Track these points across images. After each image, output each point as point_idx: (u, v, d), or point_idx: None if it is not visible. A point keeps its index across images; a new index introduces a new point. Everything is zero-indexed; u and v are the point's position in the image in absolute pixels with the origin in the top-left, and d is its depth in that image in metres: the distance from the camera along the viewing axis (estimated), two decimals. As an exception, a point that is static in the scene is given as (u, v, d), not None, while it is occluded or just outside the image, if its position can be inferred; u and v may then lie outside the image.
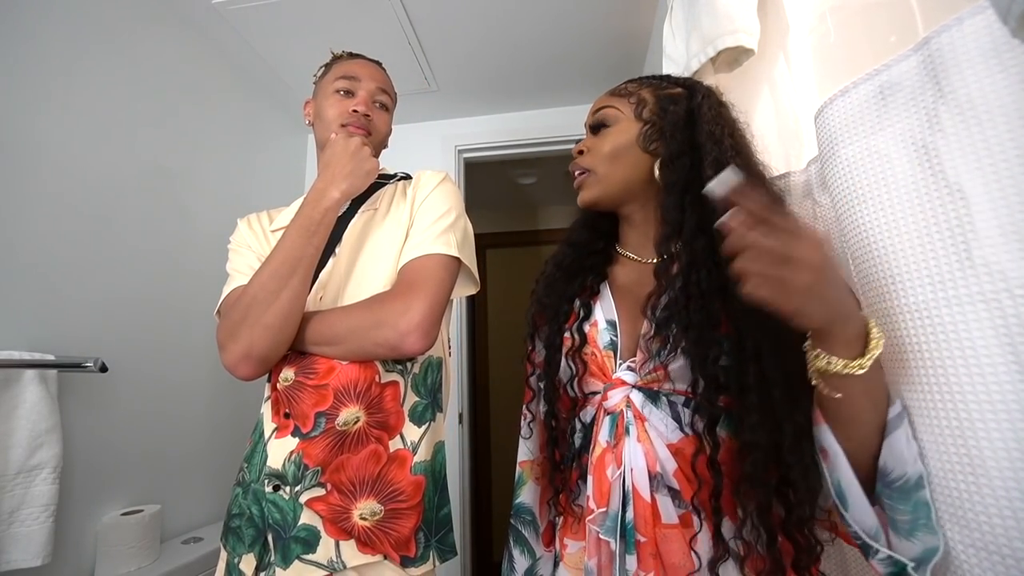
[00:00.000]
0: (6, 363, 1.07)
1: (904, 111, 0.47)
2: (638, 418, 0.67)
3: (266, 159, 2.18)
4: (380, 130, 1.03)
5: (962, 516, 0.40)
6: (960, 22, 0.45)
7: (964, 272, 0.41)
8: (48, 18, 1.28)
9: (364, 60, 1.07)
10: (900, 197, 0.46)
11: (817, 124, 0.57)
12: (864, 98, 0.51)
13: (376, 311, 0.86)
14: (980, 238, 0.41)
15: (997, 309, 0.39)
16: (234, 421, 1.78)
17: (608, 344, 0.73)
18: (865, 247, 0.50)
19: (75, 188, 1.32)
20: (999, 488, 0.38)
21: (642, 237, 0.80)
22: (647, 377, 0.68)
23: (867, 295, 0.51)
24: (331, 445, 0.83)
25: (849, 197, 0.51)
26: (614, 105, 0.78)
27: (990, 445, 0.38)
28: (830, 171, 0.54)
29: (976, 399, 0.40)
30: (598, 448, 0.69)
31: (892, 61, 0.49)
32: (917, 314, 0.44)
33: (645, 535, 0.62)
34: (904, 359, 0.45)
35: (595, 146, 0.78)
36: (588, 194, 0.79)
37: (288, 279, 0.84)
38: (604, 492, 0.66)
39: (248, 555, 0.83)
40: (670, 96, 0.77)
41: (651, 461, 0.65)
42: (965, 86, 0.43)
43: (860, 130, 0.51)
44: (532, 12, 1.78)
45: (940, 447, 0.42)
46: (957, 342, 0.41)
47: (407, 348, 0.84)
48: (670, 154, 0.73)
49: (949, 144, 0.44)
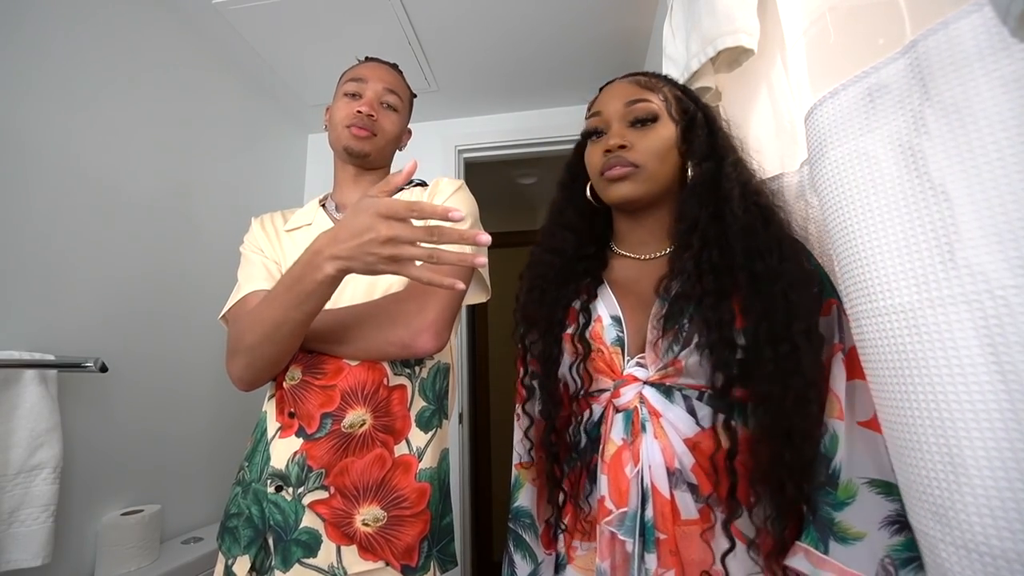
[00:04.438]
0: (6, 363, 1.07)
1: (891, 113, 0.48)
2: (653, 414, 0.67)
3: (266, 159, 2.19)
4: (387, 130, 1.01)
5: (943, 515, 0.40)
6: (946, 26, 0.45)
7: (947, 273, 0.42)
8: (48, 18, 1.29)
9: (375, 63, 1.06)
10: (886, 199, 0.47)
11: (807, 125, 0.58)
12: (853, 100, 0.51)
13: (389, 309, 0.85)
14: (963, 239, 0.41)
15: (979, 310, 0.40)
16: (234, 421, 1.79)
17: (615, 340, 0.72)
18: (851, 248, 0.50)
19: (75, 188, 1.33)
20: (979, 487, 0.38)
21: (646, 235, 0.80)
22: (660, 372, 0.68)
23: (852, 296, 0.51)
24: (336, 447, 0.83)
25: (836, 198, 0.52)
26: (650, 99, 0.76)
27: (970, 444, 0.39)
28: (819, 172, 0.55)
29: (957, 399, 0.40)
30: (611, 446, 0.68)
31: (881, 64, 0.50)
32: (902, 315, 0.45)
33: (665, 532, 0.62)
34: (890, 359, 0.46)
35: (641, 142, 0.74)
36: (633, 189, 0.74)
37: (276, 333, 0.79)
38: (623, 491, 0.65)
39: (243, 557, 0.82)
40: (686, 98, 0.79)
41: (669, 457, 0.65)
42: (950, 89, 0.44)
43: (848, 132, 0.51)
44: (532, 12, 1.79)
45: (923, 445, 0.42)
46: (940, 342, 0.42)
47: (419, 347, 0.83)
48: (703, 155, 0.73)
49: (934, 146, 0.44)
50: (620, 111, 0.76)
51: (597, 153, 0.77)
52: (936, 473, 0.41)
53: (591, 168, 0.79)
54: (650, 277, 0.75)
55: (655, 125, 0.74)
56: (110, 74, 1.45)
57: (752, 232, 0.66)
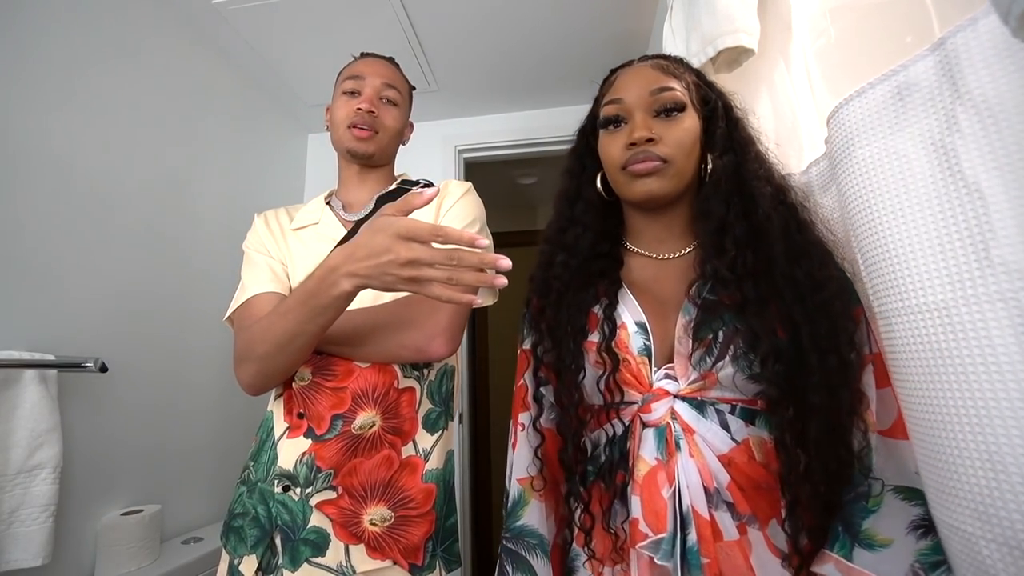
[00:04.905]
0: (6, 363, 1.06)
1: (922, 112, 0.48)
2: (687, 431, 0.62)
3: (266, 159, 2.17)
4: (388, 126, 1.01)
5: (983, 512, 0.40)
6: (975, 22, 0.45)
7: (983, 271, 0.42)
8: (49, 19, 1.27)
9: (372, 58, 1.05)
10: (919, 197, 0.47)
11: (831, 124, 0.57)
12: (881, 98, 0.51)
13: (402, 313, 0.85)
14: (998, 237, 0.41)
15: (1016, 307, 0.40)
16: (235, 421, 1.78)
17: (642, 349, 0.67)
18: (880, 246, 0.50)
19: (75, 188, 1.31)
20: (1018, 484, 0.38)
21: (663, 231, 0.75)
22: (693, 386, 0.64)
23: (881, 294, 0.51)
24: (344, 448, 0.83)
25: (864, 197, 0.52)
26: (675, 87, 0.70)
27: (1008, 441, 0.39)
28: (844, 171, 0.55)
29: (995, 396, 0.40)
30: (643, 465, 0.63)
31: (909, 62, 0.50)
32: (936, 313, 0.44)
33: (708, 556, 0.57)
34: (924, 357, 0.46)
35: (669, 134, 0.68)
36: (661, 186, 0.69)
37: (289, 346, 0.78)
38: (661, 514, 0.60)
39: (249, 556, 0.82)
40: (705, 85, 0.75)
41: (707, 477, 0.60)
42: (980, 86, 0.44)
43: (878, 130, 0.51)
44: (532, 12, 1.78)
45: (960, 444, 0.42)
46: (976, 340, 0.42)
47: (433, 351, 0.83)
48: (724, 147, 0.70)
49: (967, 144, 0.44)
50: (645, 99, 0.70)
51: (617, 145, 0.71)
52: (975, 471, 0.41)
53: (610, 161, 0.73)
54: (670, 278, 0.72)
55: (681, 116, 0.69)
56: (109, 74, 1.43)
57: (789, 235, 0.63)
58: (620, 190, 0.74)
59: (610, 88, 0.75)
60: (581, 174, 0.82)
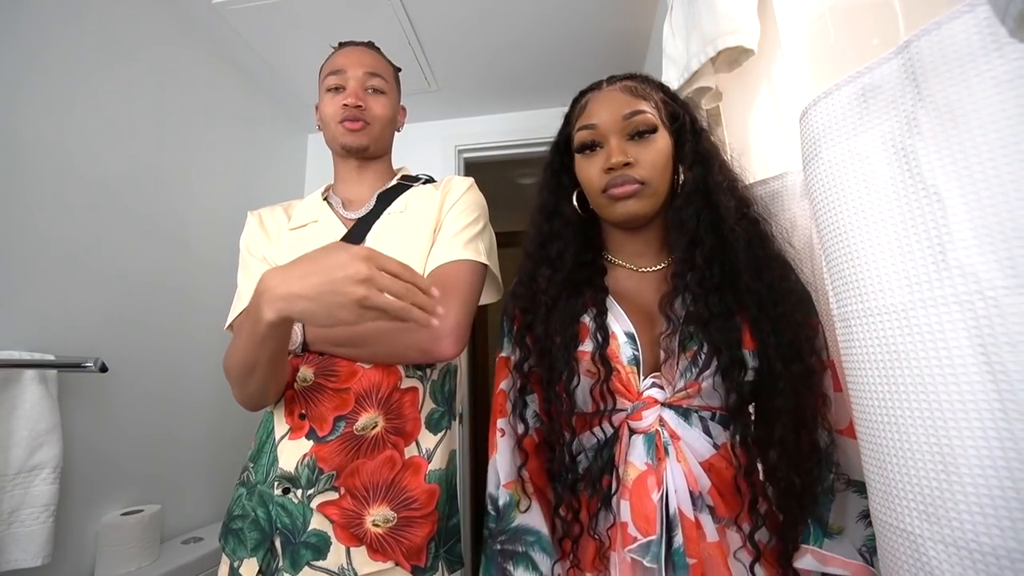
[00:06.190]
0: (6, 363, 1.08)
1: (885, 114, 0.48)
2: (673, 437, 0.66)
3: (266, 159, 2.19)
4: (379, 115, 0.98)
5: (933, 512, 0.40)
6: (939, 26, 0.45)
7: (940, 274, 0.42)
8: (48, 19, 1.29)
9: (350, 47, 1.03)
10: (879, 199, 0.47)
11: (801, 126, 0.58)
12: (846, 100, 0.51)
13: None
14: (955, 240, 0.41)
15: (970, 311, 0.40)
16: (235, 421, 1.78)
17: (631, 359, 0.69)
18: (843, 248, 0.50)
19: (75, 188, 1.33)
20: (969, 485, 0.39)
21: (642, 246, 0.78)
22: (678, 394, 0.67)
23: (842, 296, 0.52)
24: (347, 449, 0.82)
25: (829, 199, 0.52)
26: (646, 110, 0.73)
27: (961, 444, 0.39)
28: (812, 172, 0.55)
29: (949, 399, 0.40)
30: (632, 470, 0.66)
31: (874, 64, 0.50)
32: (894, 315, 0.45)
33: (694, 557, 0.61)
34: (881, 360, 0.46)
35: (644, 157, 0.71)
36: (641, 207, 0.72)
37: (254, 373, 0.77)
38: (650, 518, 0.62)
39: (250, 559, 0.81)
40: (672, 101, 0.78)
41: (692, 481, 0.64)
42: (943, 90, 0.44)
43: (842, 132, 0.51)
44: (532, 12, 1.79)
45: (913, 445, 0.43)
46: (932, 343, 0.42)
47: (441, 352, 0.82)
48: (692, 160, 0.73)
49: (927, 147, 0.44)
50: (618, 124, 0.72)
51: (595, 169, 0.73)
52: (927, 472, 0.41)
53: (589, 184, 0.75)
54: (651, 289, 0.74)
55: (654, 137, 0.72)
56: (109, 74, 1.45)
57: (751, 248, 0.67)
58: (601, 212, 0.77)
59: (583, 113, 0.78)
60: (558, 190, 0.83)
